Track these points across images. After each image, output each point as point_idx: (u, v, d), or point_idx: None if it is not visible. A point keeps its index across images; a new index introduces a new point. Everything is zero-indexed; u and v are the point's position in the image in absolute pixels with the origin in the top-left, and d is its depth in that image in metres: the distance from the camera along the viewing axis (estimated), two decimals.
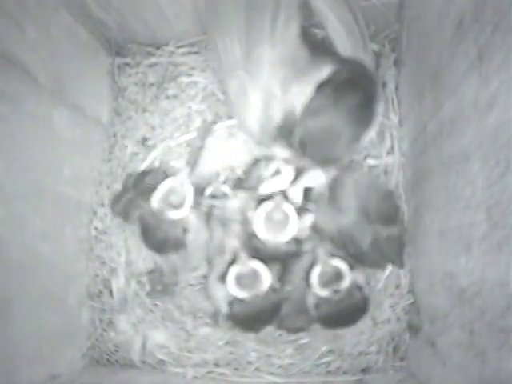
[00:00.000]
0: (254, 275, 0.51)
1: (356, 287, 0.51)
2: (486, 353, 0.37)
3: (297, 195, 0.53)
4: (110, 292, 0.63)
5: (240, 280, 0.51)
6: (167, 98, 0.68)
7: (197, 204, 0.52)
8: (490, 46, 0.35)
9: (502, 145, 0.34)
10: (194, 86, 0.68)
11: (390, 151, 0.62)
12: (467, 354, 0.41)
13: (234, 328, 0.54)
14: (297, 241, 0.53)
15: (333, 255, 0.52)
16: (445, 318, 0.47)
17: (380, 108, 0.44)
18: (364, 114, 0.43)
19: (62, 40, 0.57)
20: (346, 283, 0.50)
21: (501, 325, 0.35)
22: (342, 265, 0.51)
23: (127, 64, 0.70)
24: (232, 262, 0.52)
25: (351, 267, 0.51)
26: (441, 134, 0.48)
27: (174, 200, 0.49)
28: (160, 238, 0.51)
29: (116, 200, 0.58)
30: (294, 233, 0.51)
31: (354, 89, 0.42)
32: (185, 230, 0.51)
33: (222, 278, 0.51)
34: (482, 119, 0.38)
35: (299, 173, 0.54)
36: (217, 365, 0.60)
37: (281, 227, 0.51)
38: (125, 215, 0.56)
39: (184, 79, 0.68)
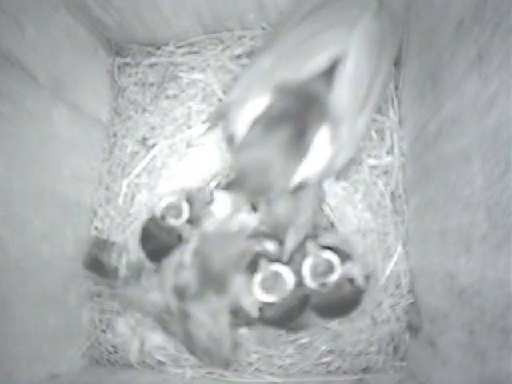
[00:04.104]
0: (277, 278, 0.51)
1: (347, 280, 0.51)
2: (486, 353, 0.37)
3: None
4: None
5: (264, 285, 0.51)
6: (167, 97, 0.68)
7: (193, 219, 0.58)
8: (490, 46, 0.35)
9: (502, 145, 0.34)
10: (194, 85, 0.68)
11: (390, 151, 0.62)
12: (467, 354, 0.41)
13: (264, 328, 0.54)
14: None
15: (324, 248, 0.52)
16: (445, 318, 0.47)
17: (319, 143, 0.44)
18: (295, 146, 0.44)
19: (62, 40, 0.57)
20: (334, 277, 0.50)
21: (501, 325, 0.35)
22: (333, 258, 0.51)
23: (127, 64, 0.70)
24: (254, 270, 0.52)
25: (344, 258, 0.52)
26: (441, 134, 0.48)
27: (172, 213, 0.56)
28: (157, 244, 0.56)
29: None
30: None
31: (284, 122, 0.43)
32: (179, 238, 0.56)
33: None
34: (481, 119, 0.38)
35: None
36: None
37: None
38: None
39: (184, 79, 0.68)
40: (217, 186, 0.63)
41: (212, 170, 0.65)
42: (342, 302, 0.52)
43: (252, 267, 0.52)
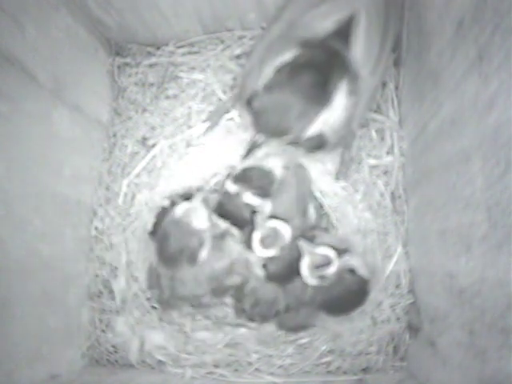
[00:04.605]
0: (275, 233, 0.54)
1: (347, 271, 0.52)
2: (486, 353, 0.37)
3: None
4: (110, 292, 0.63)
5: (264, 241, 0.53)
6: (167, 97, 0.68)
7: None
8: (489, 46, 0.35)
9: (502, 145, 0.34)
10: (194, 85, 0.68)
11: (390, 151, 0.62)
12: (467, 354, 0.41)
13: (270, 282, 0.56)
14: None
15: (319, 244, 0.53)
16: (445, 318, 0.47)
17: (339, 95, 0.47)
18: (317, 93, 0.46)
19: (62, 40, 0.57)
20: (333, 269, 0.51)
21: (501, 325, 0.35)
22: (328, 251, 0.52)
23: (127, 64, 0.70)
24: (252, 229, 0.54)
25: (341, 252, 0.52)
26: (441, 134, 0.48)
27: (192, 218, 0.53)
28: (176, 248, 0.53)
29: None
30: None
31: (309, 70, 0.46)
32: (200, 244, 0.53)
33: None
34: (481, 119, 0.38)
35: None
36: (216, 366, 0.60)
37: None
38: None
39: (184, 79, 0.68)
40: (216, 186, 0.63)
41: (212, 169, 0.65)
42: (348, 294, 0.52)
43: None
